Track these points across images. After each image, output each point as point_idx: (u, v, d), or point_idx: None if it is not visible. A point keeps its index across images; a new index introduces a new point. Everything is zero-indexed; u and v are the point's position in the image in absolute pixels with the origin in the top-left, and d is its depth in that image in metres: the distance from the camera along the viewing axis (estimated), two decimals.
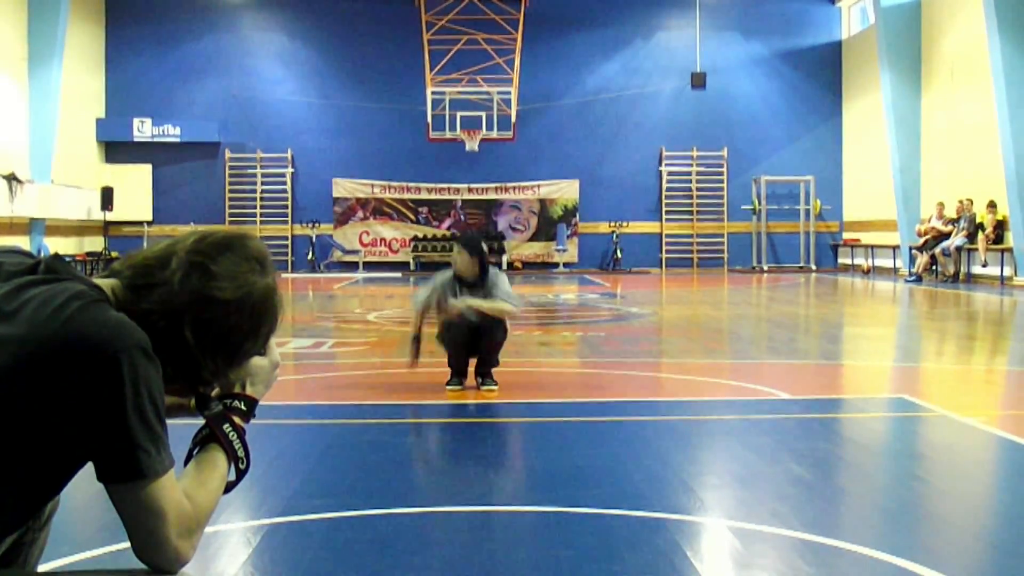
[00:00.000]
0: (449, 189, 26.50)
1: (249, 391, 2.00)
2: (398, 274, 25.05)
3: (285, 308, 1.97)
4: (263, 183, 26.76)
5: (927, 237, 20.89)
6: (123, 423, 1.69)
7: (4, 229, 20.37)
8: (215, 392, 1.99)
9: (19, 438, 1.68)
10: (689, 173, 27.00)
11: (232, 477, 1.94)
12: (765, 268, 26.38)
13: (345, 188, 26.55)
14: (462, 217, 26.58)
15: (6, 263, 1.83)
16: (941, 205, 20.85)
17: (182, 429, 2.05)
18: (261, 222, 26.55)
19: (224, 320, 1.85)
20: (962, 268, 20.27)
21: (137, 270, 1.85)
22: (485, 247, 7.20)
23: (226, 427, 1.93)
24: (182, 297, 1.82)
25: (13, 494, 1.72)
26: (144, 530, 1.75)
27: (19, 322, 1.70)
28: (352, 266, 26.25)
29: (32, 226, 22.00)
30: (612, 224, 26.51)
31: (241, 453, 1.94)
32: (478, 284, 6.98)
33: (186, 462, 1.92)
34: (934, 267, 20.83)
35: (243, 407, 1.98)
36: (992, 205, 19.18)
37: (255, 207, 26.81)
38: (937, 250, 20.52)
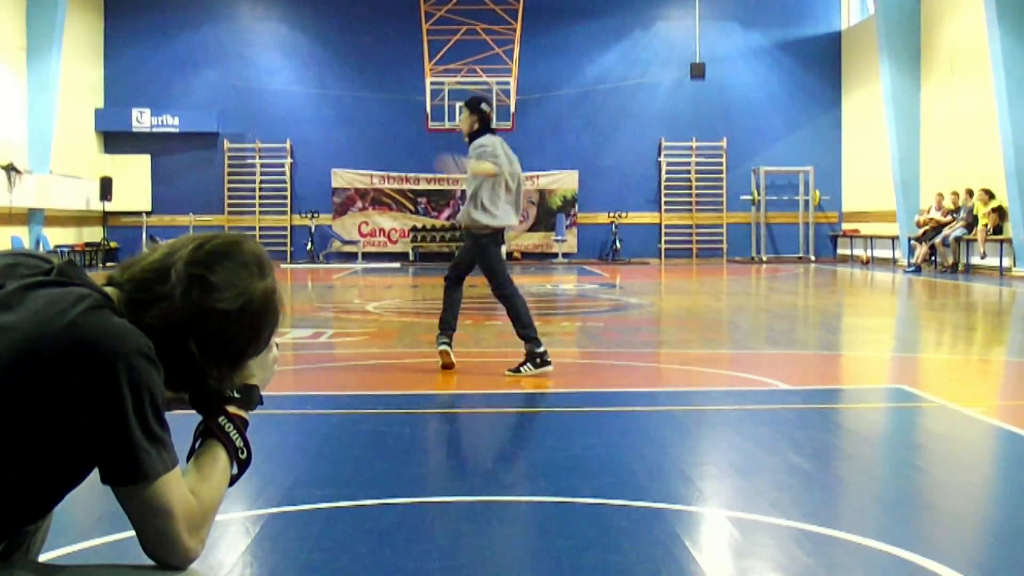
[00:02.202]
0: (448, 179, 26.27)
1: (243, 379, 1.99)
2: (397, 264, 25.05)
3: (285, 303, 1.98)
4: (262, 173, 26.71)
5: (926, 228, 20.90)
6: (123, 426, 1.69)
7: (3, 219, 20.35)
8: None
9: (19, 434, 1.68)
10: (688, 163, 26.97)
11: (235, 469, 1.94)
12: (764, 259, 26.37)
13: (344, 178, 26.50)
14: (461, 207, 26.44)
15: (21, 264, 1.85)
16: (940, 196, 20.85)
17: (183, 427, 2.05)
18: (260, 212, 26.54)
19: (227, 330, 1.86)
20: (961, 259, 20.27)
21: (136, 284, 1.85)
22: (486, 107, 7.33)
23: (221, 419, 1.93)
24: (184, 312, 1.82)
25: (18, 492, 1.73)
26: (153, 530, 1.77)
27: (22, 315, 1.72)
28: (351, 256, 26.22)
29: (31, 216, 21.99)
30: (611, 214, 26.49)
31: (239, 443, 1.93)
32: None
33: (188, 458, 1.92)
34: (933, 257, 20.83)
35: (237, 395, 1.97)
36: (987, 193, 19.17)
37: (254, 197, 26.78)
38: (936, 240, 20.53)
